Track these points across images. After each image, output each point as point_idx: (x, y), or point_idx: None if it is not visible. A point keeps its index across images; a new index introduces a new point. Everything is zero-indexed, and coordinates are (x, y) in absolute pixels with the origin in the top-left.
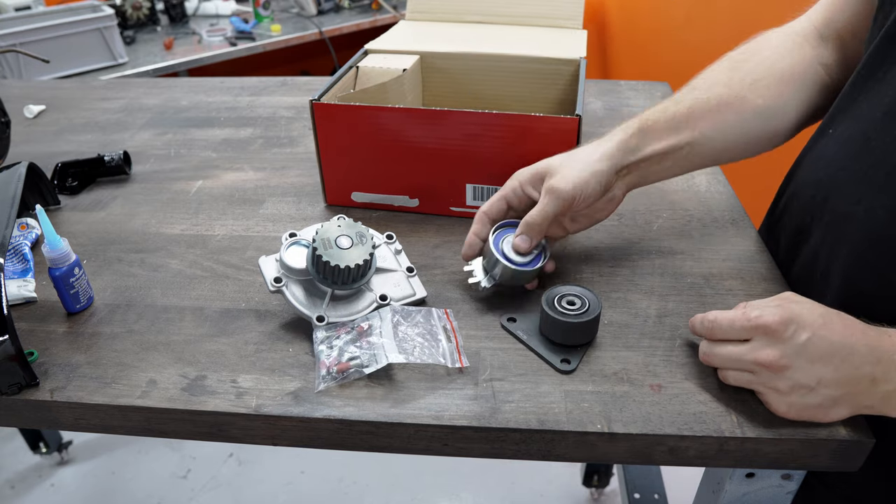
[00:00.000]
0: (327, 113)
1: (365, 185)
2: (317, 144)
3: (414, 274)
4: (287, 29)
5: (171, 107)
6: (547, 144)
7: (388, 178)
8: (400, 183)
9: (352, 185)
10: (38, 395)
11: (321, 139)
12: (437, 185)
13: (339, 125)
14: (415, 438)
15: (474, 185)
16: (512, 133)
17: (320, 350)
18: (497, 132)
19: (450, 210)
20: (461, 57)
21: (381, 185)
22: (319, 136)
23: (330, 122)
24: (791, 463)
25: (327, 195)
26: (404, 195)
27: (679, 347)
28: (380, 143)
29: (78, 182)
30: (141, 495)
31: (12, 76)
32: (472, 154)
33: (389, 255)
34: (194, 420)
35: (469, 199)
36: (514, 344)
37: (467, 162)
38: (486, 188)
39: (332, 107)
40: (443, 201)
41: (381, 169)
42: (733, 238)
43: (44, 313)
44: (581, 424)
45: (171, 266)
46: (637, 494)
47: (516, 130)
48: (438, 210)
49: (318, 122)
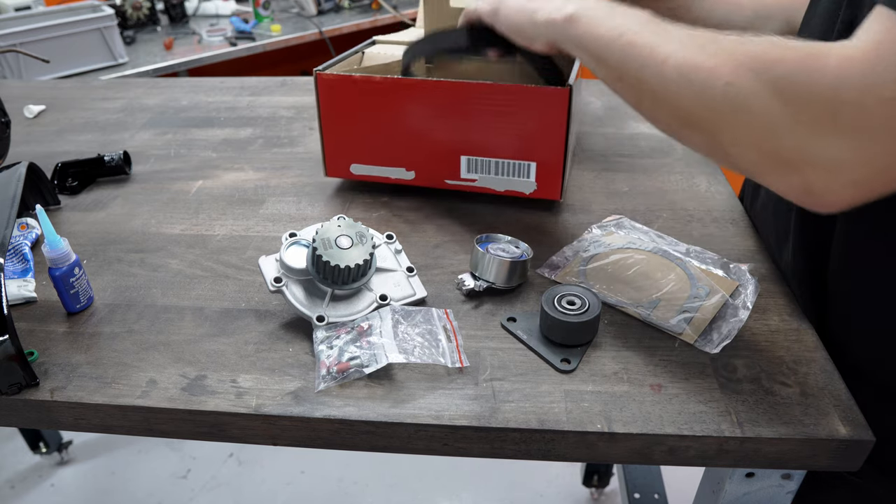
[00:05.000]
0: (330, 84)
1: (363, 157)
2: (319, 116)
3: (414, 274)
4: (287, 29)
5: (171, 107)
6: (539, 115)
7: (386, 151)
8: (396, 155)
9: (351, 157)
10: (38, 395)
11: (323, 110)
12: (433, 157)
13: (340, 96)
14: (415, 438)
15: (468, 157)
16: (504, 104)
17: (320, 350)
18: (489, 103)
19: (444, 183)
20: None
21: (378, 157)
22: (322, 106)
23: (332, 94)
24: (791, 463)
25: (327, 167)
26: (401, 167)
27: (679, 347)
28: (379, 114)
29: (78, 182)
30: (141, 495)
31: (12, 76)
32: (465, 126)
33: (389, 255)
34: (194, 420)
35: (463, 172)
36: (514, 344)
37: (461, 133)
38: (480, 160)
39: (335, 78)
40: (438, 174)
41: (378, 141)
42: (733, 238)
43: (44, 313)
44: (581, 424)
45: (171, 266)
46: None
47: (508, 101)
48: (434, 183)
49: (321, 93)
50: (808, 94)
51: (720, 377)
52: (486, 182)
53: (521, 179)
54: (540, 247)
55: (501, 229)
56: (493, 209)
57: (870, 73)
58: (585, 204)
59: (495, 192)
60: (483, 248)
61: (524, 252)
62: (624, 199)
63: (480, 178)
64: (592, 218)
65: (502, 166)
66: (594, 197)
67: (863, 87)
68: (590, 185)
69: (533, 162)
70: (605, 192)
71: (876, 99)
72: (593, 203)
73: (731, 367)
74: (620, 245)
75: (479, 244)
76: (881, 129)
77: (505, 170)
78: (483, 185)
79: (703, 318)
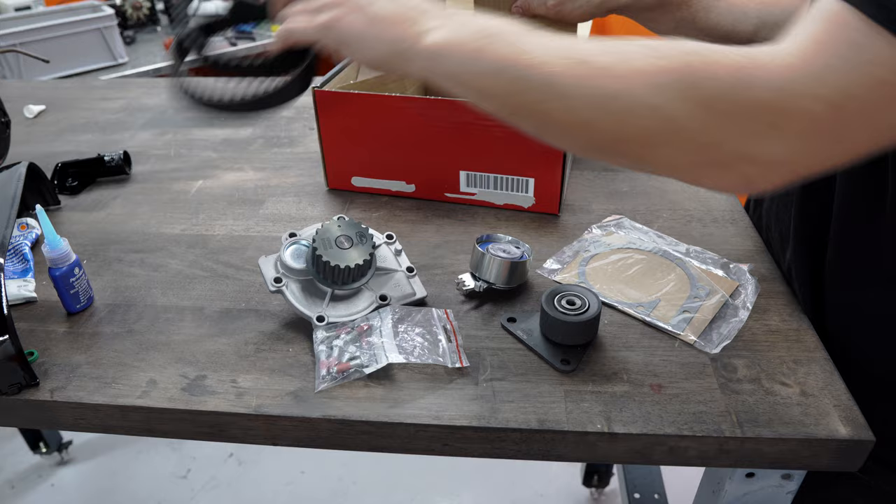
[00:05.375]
0: (329, 100)
1: (364, 170)
2: (318, 130)
3: (414, 274)
4: None
5: (171, 107)
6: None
7: (386, 164)
8: (397, 169)
9: (352, 171)
10: (38, 395)
11: (322, 125)
12: (433, 172)
13: (340, 112)
14: (415, 438)
15: (468, 172)
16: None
17: (320, 350)
18: (488, 120)
19: (444, 196)
20: None
21: (379, 170)
22: (321, 122)
23: (331, 109)
24: (791, 463)
25: (329, 180)
26: (401, 181)
27: (679, 347)
28: (378, 129)
29: (78, 182)
30: (141, 495)
31: (12, 76)
32: (465, 142)
33: (389, 255)
34: (194, 420)
35: (462, 186)
36: (514, 344)
37: (461, 149)
38: (479, 175)
39: (334, 94)
40: (438, 187)
41: (379, 155)
42: (733, 238)
43: (44, 313)
44: (581, 424)
45: (171, 266)
46: (637, 494)
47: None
48: (433, 195)
49: (319, 108)
50: (747, 107)
51: (720, 377)
52: (485, 196)
53: (519, 194)
54: (540, 247)
55: (501, 229)
56: (493, 209)
57: (812, 79)
58: (585, 204)
59: (495, 205)
60: (483, 248)
61: (524, 252)
62: (624, 199)
63: (479, 192)
64: (592, 218)
65: (501, 181)
66: (594, 197)
67: (806, 94)
68: (590, 185)
69: (532, 178)
70: (605, 192)
71: (818, 102)
72: (593, 203)
73: (731, 367)
74: (620, 245)
75: (480, 244)
76: (824, 130)
77: (504, 184)
78: (482, 198)
79: (703, 318)
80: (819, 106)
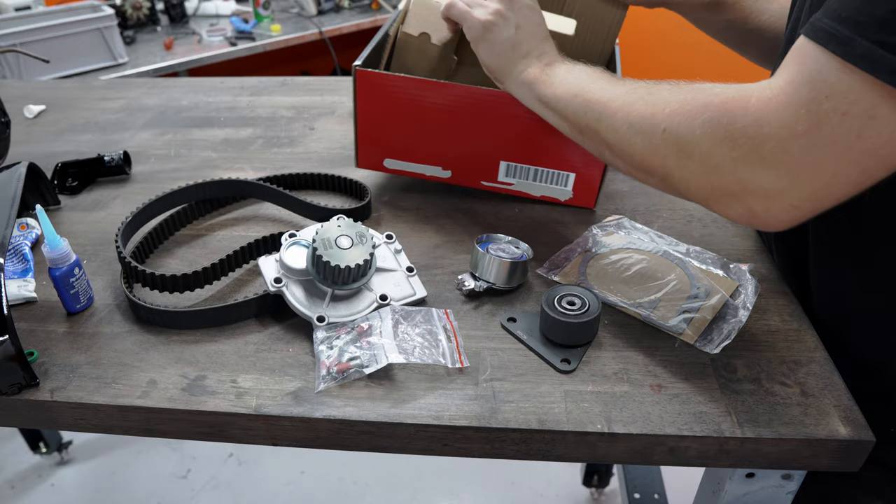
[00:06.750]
0: (369, 80)
1: (398, 153)
2: (355, 109)
3: (414, 274)
4: (287, 29)
5: (171, 107)
6: None
7: (423, 149)
8: (434, 154)
9: (385, 152)
10: (38, 395)
11: (360, 105)
12: (471, 160)
13: (379, 93)
14: (415, 438)
15: (507, 163)
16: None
17: (320, 350)
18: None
19: (480, 184)
20: None
21: (414, 154)
22: (359, 101)
23: (370, 90)
24: (791, 463)
25: (359, 159)
26: (437, 166)
27: (679, 347)
28: (418, 114)
29: (78, 182)
30: (141, 495)
31: (12, 76)
32: (508, 134)
33: (389, 255)
34: (194, 420)
35: (501, 176)
36: (514, 344)
37: (503, 141)
38: (520, 167)
39: (375, 75)
40: (474, 175)
41: (416, 139)
42: (733, 238)
43: (44, 313)
44: (581, 424)
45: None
46: (637, 494)
47: None
48: (469, 183)
49: (358, 88)
50: (735, 133)
51: (720, 377)
52: (522, 187)
53: (558, 187)
54: (540, 247)
55: (501, 229)
56: (493, 209)
57: (783, 111)
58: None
59: (530, 196)
60: (483, 248)
61: (524, 252)
62: (624, 199)
63: (517, 183)
64: (592, 218)
65: (541, 174)
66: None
67: (779, 125)
68: None
69: (572, 173)
70: (605, 192)
71: (791, 134)
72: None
73: (731, 367)
74: (620, 245)
75: (480, 244)
76: (801, 161)
77: (543, 177)
78: (519, 189)
79: (703, 318)
80: (790, 136)
